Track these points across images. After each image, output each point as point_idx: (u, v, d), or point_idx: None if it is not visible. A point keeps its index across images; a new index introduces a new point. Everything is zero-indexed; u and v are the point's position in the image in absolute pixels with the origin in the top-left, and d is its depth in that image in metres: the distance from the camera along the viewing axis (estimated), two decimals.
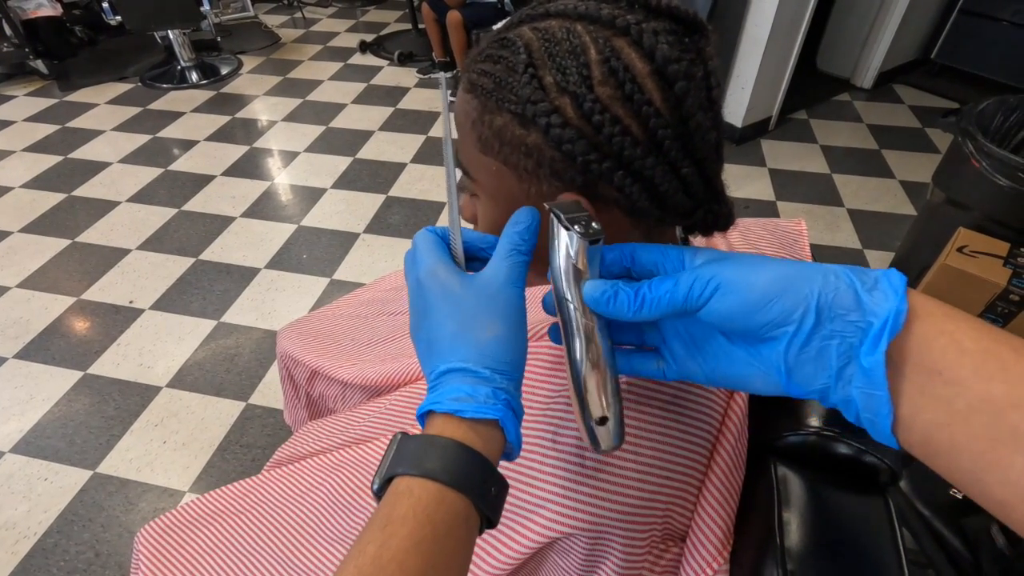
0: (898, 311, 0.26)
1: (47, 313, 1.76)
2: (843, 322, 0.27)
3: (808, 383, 0.29)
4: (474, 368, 0.32)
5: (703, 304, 0.30)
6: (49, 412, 1.48)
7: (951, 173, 1.54)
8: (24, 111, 2.85)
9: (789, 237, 0.62)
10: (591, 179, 0.34)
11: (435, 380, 0.33)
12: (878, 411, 0.27)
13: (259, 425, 1.45)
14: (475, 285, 0.34)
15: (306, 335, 0.88)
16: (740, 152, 2.52)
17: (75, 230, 2.09)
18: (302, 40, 3.73)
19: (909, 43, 3.00)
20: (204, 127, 2.73)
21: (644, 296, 0.32)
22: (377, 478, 0.31)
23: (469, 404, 0.31)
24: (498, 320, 0.33)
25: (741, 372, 0.32)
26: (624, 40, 0.32)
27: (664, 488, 0.41)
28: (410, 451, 0.31)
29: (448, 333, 0.33)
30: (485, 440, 0.31)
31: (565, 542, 0.42)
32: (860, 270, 0.28)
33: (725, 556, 0.40)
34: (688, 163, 0.34)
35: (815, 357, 0.28)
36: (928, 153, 2.50)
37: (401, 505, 0.29)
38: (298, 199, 2.28)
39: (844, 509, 0.38)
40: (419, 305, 0.35)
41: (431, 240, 0.36)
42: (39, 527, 1.25)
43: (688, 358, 0.35)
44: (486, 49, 0.35)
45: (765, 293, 0.29)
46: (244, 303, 1.80)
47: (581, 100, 0.32)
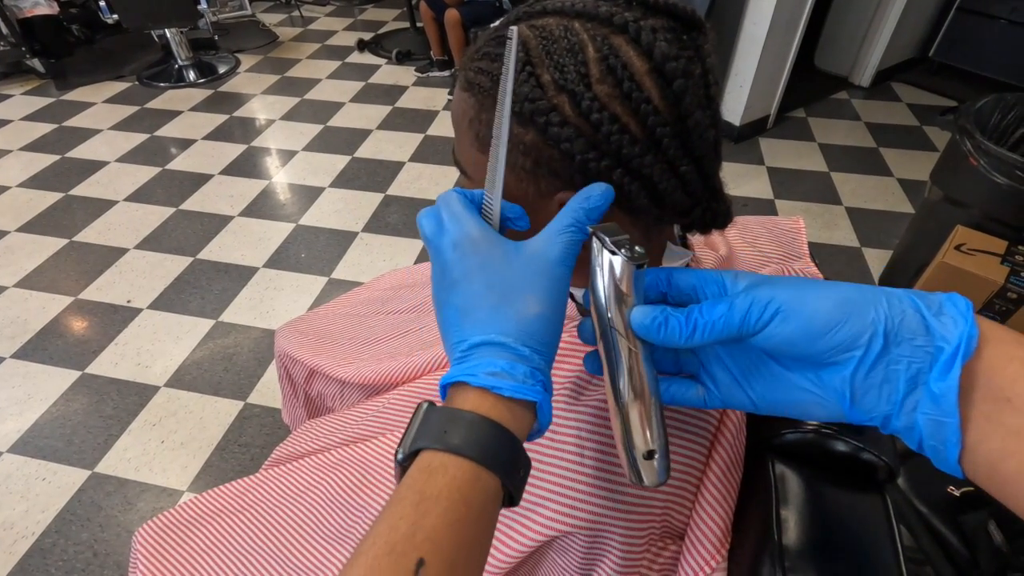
0: (970, 336, 0.26)
1: (44, 313, 1.75)
2: (911, 347, 0.27)
3: (871, 409, 0.28)
4: (514, 344, 0.30)
5: (761, 328, 0.29)
6: (47, 412, 1.48)
7: (949, 171, 1.54)
8: (21, 110, 2.84)
9: (787, 235, 0.62)
10: (589, 178, 0.33)
11: (467, 350, 0.31)
12: (947, 439, 0.26)
13: (257, 424, 1.45)
14: (524, 256, 0.32)
15: (304, 334, 0.88)
16: (738, 150, 2.52)
17: (72, 229, 2.08)
18: (300, 39, 3.72)
19: (907, 41, 3.00)
20: (202, 126, 2.73)
21: (696, 321, 0.30)
22: (402, 448, 0.30)
23: (507, 382, 0.30)
24: (544, 298, 0.31)
25: (797, 399, 0.31)
26: (622, 38, 0.32)
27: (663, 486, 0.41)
28: (441, 425, 0.29)
29: (487, 303, 0.31)
30: (518, 420, 0.31)
31: (564, 540, 0.42)
32: (921, 293, 0.28)
33: (723, 554, 0.40)
34: (686, 161, 0.33)
35: (881, 383, 0.27)
36: (926, 151, 2.51)
37: (436, 482, 0.28)
38: (296, 198, 2.27)
39: (842, 507, 0.38)
40: (453, 270, 0.32)
41: (463, 201, 0.34)
42: (37, 527, 1.25)
43: (733, 385, 0.34)
44: (483, 47, 0.35)
45: (830, 317, 0.28)
46: (242, 302, 1.79)
47: (579, 98, 0.32)
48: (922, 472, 0.87)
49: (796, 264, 0.56)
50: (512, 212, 0.35)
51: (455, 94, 0.38)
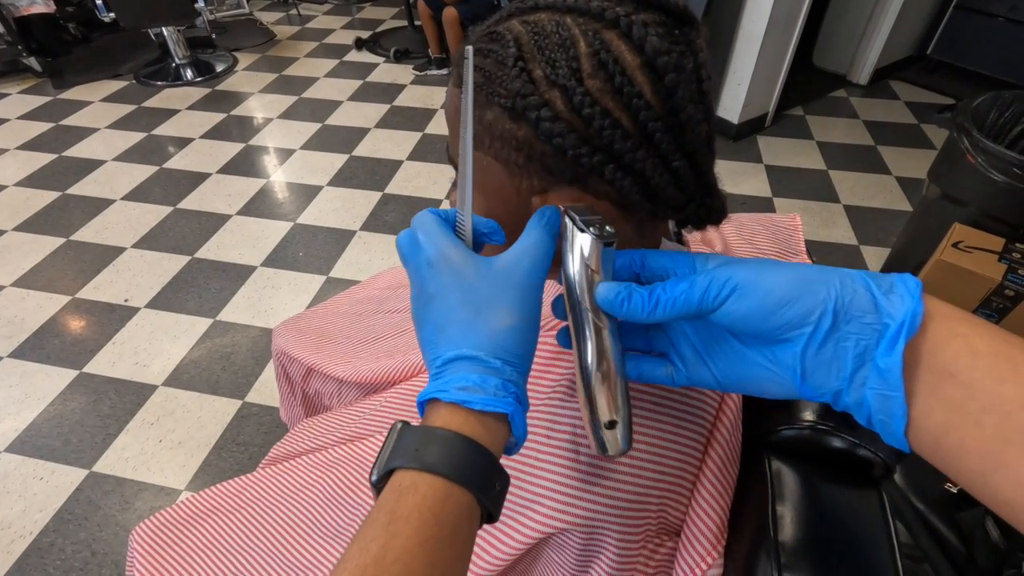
0: (914, 313, 0.26)
1: (42, 312, 1.75)
2: (859, 324, 0.27)
3: (822, 385, 0.29)
4: (485, 357, 0.31)
5: (719, 305, 0.30)
6: (44, 411, 1.47)
7: (946, 169, 1.54)
8: (17, 109, 2.83)
9: (784, 232, 0.62)
10: (582, 173, 0.33)
11: (441, 367, 0.31)
12: (892, 413, 0.27)
13: (255, 423, 1.45)
14: (494, 270, 0.32)
15: (302, 332, 0.88)
16: (736, 148, 2.52)
17: (69, 228, 2.08)
18: (297, 37, 3.72)
19: (905, 39, 3.00)
20: (199, 125, 2.72)
21: (659, 297, 0.31)
22: (376, 469, 0.30)
23: (478, 395, 0.30)
24: (515, 310, 0.32)
25: (754, 375, 0.32)
26: (614, 32, 0.32)
27: (658, 483, 0.41)
28: (414, 443, 0.29)
29: (460, 319, 0.32)
30: (491, 433, 0.31)
31: (560, 537, 0.42)
32: (875, 274, 0.29)
33: (720, 550, 0.40)
34: (679, 156, 0.33)
35: (830, 359, 0.28)
36: (924, 149, 2.51)
37: (406, 502, 0.28)
38: (294, 197, 2.27)
39: (838, 503, 0.38)
40: (429, 287, 0.33)
41: (436, 221, 0.35)
42: (35, 526, 1.25)
43: (698, 362, 0.34)
44: (475, 43, 0.35)
45: (784, 295, 0.29)
46: (240, 301, 1.79)
47: (571, 93, 0.31)
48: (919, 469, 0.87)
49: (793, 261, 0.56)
50: (486, 227, 0.35)
51: (448, 90, 0.38)
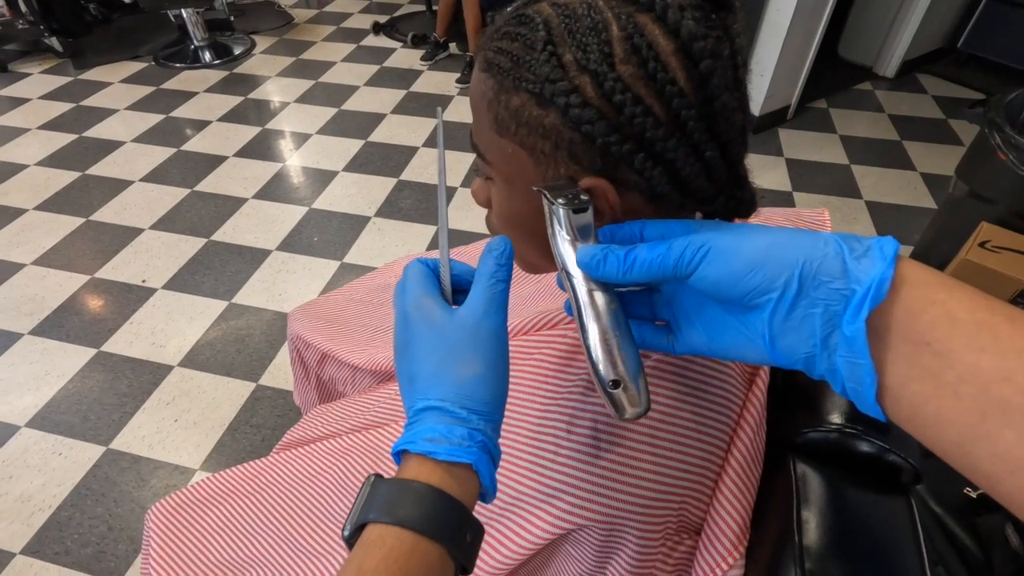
0: (882, 278, 0.25)
1: (61, 290, 1.77)
2: (827, 290, 0.26)
3: (792, 352, 0.28)
4: (451, 408, 0.31)
5: (693, 270, 0.30)
6: (63, 388, 1.50)
7: (975, 166, 1.50)
8: (39, 89, 2.86)
9: (811, 227, 0.60)
10: (611, 162, 0.32)
11: (413, 417, 0.32)
12: (861, 380, 0.26)
13: (269, 406, 1.46)
14: (456, 320, 0.33)
15: (317, 318, 0.88)
16: (757, 141, 2.48)
17: (89, 209, 2.10)
18: (315, 20, 3.70)
19: (935, 31, 2.92)
20: (217, 107, 2.73)
21: (635, 259, 0.31)
22: (348, 524, 0.30)
23: (443, 446, 0.30)
24: (478, 357, 0.32)
25: (734, 341, 0.32)
26: (648, 16, 0.31)
27: (680, 480, 0.40)
28: (384, 496, 0.30)
29: (428, 369, 0.33)
30: (461, 483, 0.31)
31: (579, 533, 0.42)
32: (855, 237, 0.27)
33: (741, 551, 0.40)
34: (712, 146, 0.32)
35: (799, 325, 0.27)
36: (951, 145, 2.45)
37: (373, 556, 0.28)
38: (309, 181, 2.27)
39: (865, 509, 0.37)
40: (403, 338, 0.35)
41: (421, 271, 0.36)
42: (54, 500, 1.27)
43: (690, 328, 0.35)
44: (503, 26, 0.34)
45: (751, 260, 0.28)
46: (255, 284, 1.80)
47: (602, 79, 0.30)
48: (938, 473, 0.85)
49: None
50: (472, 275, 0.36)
51: (474, 75, 0.37)
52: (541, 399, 0.45)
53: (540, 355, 0.47)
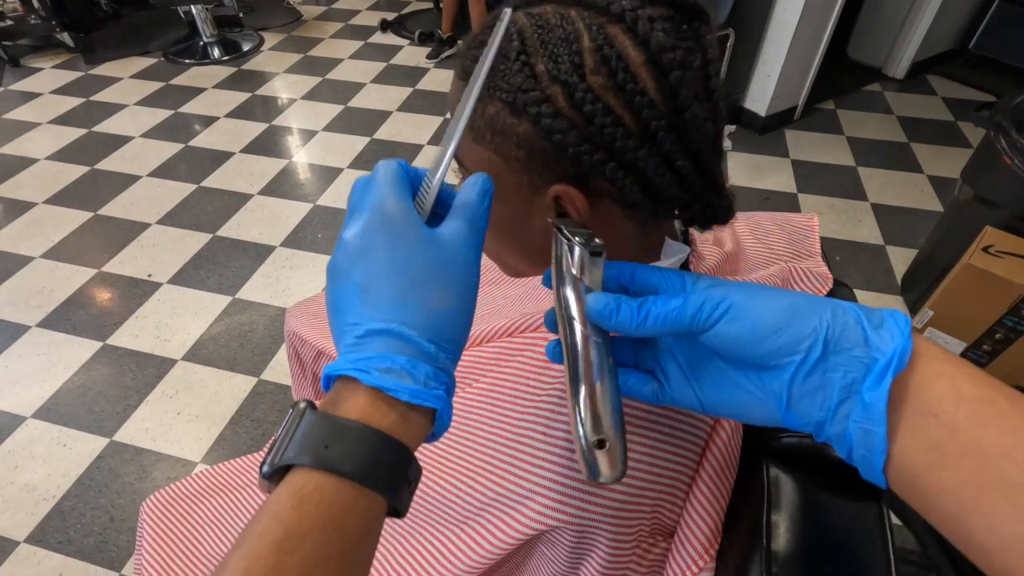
0: (904, 349, 0.26)
1: (69, 284, 1.80)
2: (848, 356, 0.27)
3: (807, 415, 0.29)
4: (418, 338, 0.27)
5: (711, 325, 0.29)
6: (69, 380, 1.52)
7: (981, 169, 1.49)
8: (50, 83, 2.89)
9: (800, 232, 0.60)
10: (582, 171, 0.33)
11: (362, 337, 0.27)
12: (874, 447, 0.26)
13: (270, 401, 1.48)
14: (436, 240, 0.29)
15: (314, 315, 0.89)
16: (763, 142, 2.47)
17: (97, 203, 2.13)
18: (324, 17, 3.72)
19: (946, 32, 2.89)
20: (224, 104, 2.75)
21: (649, 311, 0.30)
22: (271, 460, 0.26)
23: (405, 383, 0.26)
24: (453, 288, 0.29)
25: (739, 399, 0.31)
26: (618, 27, 0.31)
27: (653, 484, 0.41)
28: (321, 436, 0.26)
29: (394, 286, 0.28)
30: (412, 428, 0.27)
31: (552, 534, 0.42)
32: (866, 308, 0.28)
33: (712, 554, 0.40)
34: (683, 155, 0.33)
35: (817, 389, 0.28)
36: (960, 148, 2.42)
37: (307, 513, 0.24)
38: (315, 178, 2.29)
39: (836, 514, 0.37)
40: (362, 240, 0.29)
41: (396, 172, 0.31)
42: (58, 490, 1.30)
43: (683, 382, 0.34)
44: (480, 35, 0.35)
45: (776, 321, 0.28)
46: (259, 280, 1.82)
47: (572, 89, 0.31)
48: None
49: (805, 263, 0.55)
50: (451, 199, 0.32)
51: (452, 83, 0.37)
52: (521, 402, 0.45)
53: (522, 357, 0.47)
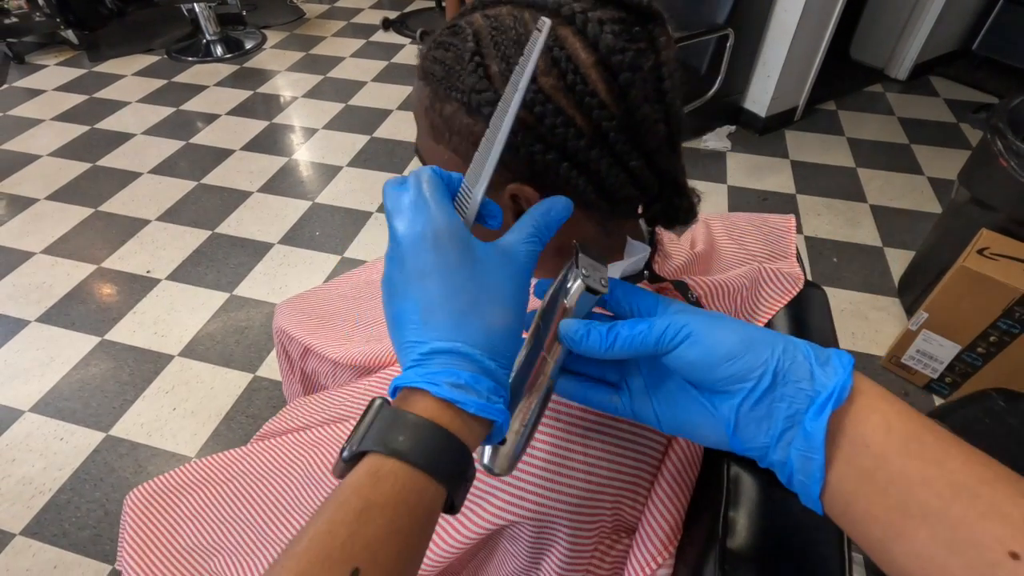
0: (844, 385, 0.28)
1: (69, 279, 1.82)
2: (794, 388, 0.29)
3: (751, 440, 0.31)
4: (480, 357, 0.29)
5: (672, 349, 0.32)
6: (67, 375, 1.54)
7: (977, 171, 1.48)
8: (54, 80, 2.91)
9: (776, 233, 0.60)
10: (537, 170, 0.33)
11: (427, 355, 0.29)
12: (812, 474, 0.29)
13: (265, 397, 1.49)
14: (494, 261, 0.30)
15: (302, 312, 0.90)
16: (763, 143, 2.46)
17: (98, 199, 2.14)
18: (326, 16, 3.73)
19: (949, 33, 2.87)
20: (226, 101, 2.76)
21: (617, 335, 0.32)
22: (351, 445, 0.28)
23: (472, 397, 0.29)
24: (512, 309, 0.31)
25: (693, 420, 0.33)
26: (569, 29, 0.31)
27: (613, 481, 0.41)
28: (398, 429, 0.28)
29: (455, 308, 0.29)
30: (473, 433, 0.30)
31: (512, 529, 0.43)
32: (815, 346, 0.31)
33: (671, 551, 0.40)
34: (636, 156, 0.33)
35: (763, 417, 0.30)
36: (961, 150, 2.41)
37: (383, 490, 0.27)
38: (314, 176, 2.30)
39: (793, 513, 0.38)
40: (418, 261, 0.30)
41: (439, 185, 0.31)
42: (54, 484, 1.31)
43: (644, 398, 0.35)
44: (439, 36, 0.35)
45: (731, 349, 0.30)
46: (256, 277, 1.83)
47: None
48: None
49: (778, 264, 0.55)
50: (487, 210, 0.33)
51: (414, 84, 0.38)
52: None
53: None
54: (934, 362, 1.48)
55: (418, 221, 0.30)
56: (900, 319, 1.70)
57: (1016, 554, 0.23)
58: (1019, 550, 0.23)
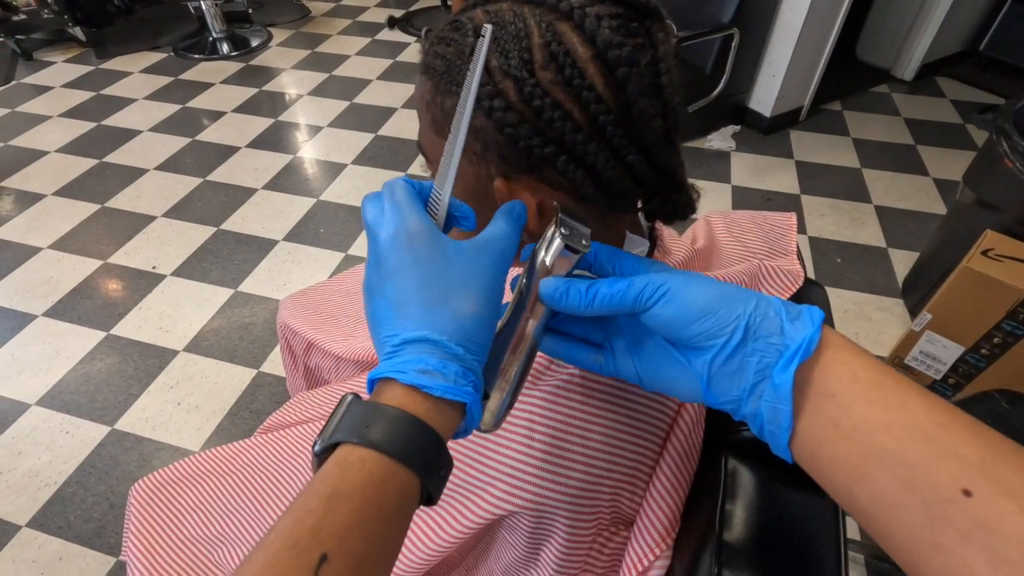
0: (811, 339, 0.29)
1: (75, 274, 1.83)
2: (765, 343, 0.30)
3: (724, 393, 0.32)
4: (447, 342, 0.30)
5: (650, 307, 0.32)
6: (73, 369, 1.55)
7: (982, 172, 1.48)
8: (62, 77, 2.93)
9: (777, 231, 0.60)
10: (535, 163, 0.34)
11: (398, 346, 0.31)
12: (780, 424, 0.30)
13: (268, 392, 1.50)
14: (463, 255, 0.32)
15: (305, 307, 0.90)
16: (767, 143, 2.45)
17: (105, 195, 2.16)
18: (332, 14, 3.74)
19: (956, 34, 2.86)
20: (232, 99, 2.78)
21: (596, 293, 0.33)
22: (321, 440, 0.29)
23: (438, 380, 0.30)
24: (482, 298, 0.32)
25: (669, 375, 0.34)
26: (567, 24, 0.32)
27: (611, 473, 0.42)
28: (363, 419, 0.29)
29: (423, 300, 0.31)
30: (445, 419, 0.31)
31: (511, 519, 0.43)
32: (789, 304, 0.32)
33: (668, 543, 0.41)
34: (633, 150, 0.33)
35: (735, 371, 0.31)
36: (967, 151, 2.40)
37: (350, 478, 0.27)
38: (319, 173, 2.30)
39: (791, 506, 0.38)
40: (390, 262, 0.32)
41: (409, 191, 0.34)
42: (59, 476, 1.32)
43: (626, 355, 0.36)
44: (441, 32, 0.35)
45: (704, 306, 0.31)
46: (261, 274, 1.84)
47: (522, 84, 0.32)
48: None
49: (778, 261, 0.55)
50: (460, 211, 0.35)
51: (417, 79, 0.38)
52: None
53: None
54: (937, 363, 1.48)
55: (390, 225, 0.32)
56: (904, 320, 1.69)
57: (968, 491, 0.24)
58: (971, 487, 0.24)
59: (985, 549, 0.23)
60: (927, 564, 0.24)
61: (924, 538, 0.24)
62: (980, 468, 0.24)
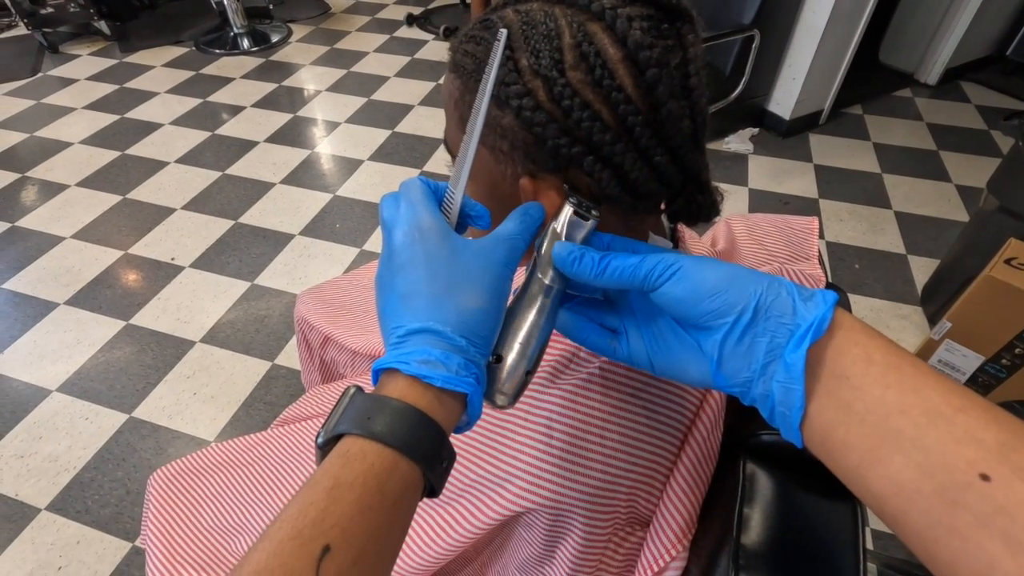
0: (823, 318, 0.29)
1: (97, 264, 1.86)
2: (776, 323, 0.30)
3: (734, 375, 0.31)
4: (451, 334, 0.31)
5: (660, 285, 0.32)
6: (93, 357, 1.58)
7: (1007, 180, 1.45)
8: (86, 70, 2.98)
9: (798, 235, 0.60)
10: (562, 163, 0.34)
11: (403, 336, 0.31)
12: (792, 404, 0.29)
13: (283, 385, 1.52)
14: (470, 252, 0.33)
15: (322, 301, 0.91)
16: (786, 146, 2.43)
17: (126, 187, 2.19)
18: (351, 10, 3.76)
19: (982, 38, 2.80)
20: (251, 93, 2.80)
21: (608, 263, 0.33)
22: (324, 431, 0.30)
23: (439, 371, 0.30)
24: (486, 293, 0.32)
25: (679, 357, 0.34)
26: (598, 25, 0.32)
27: (629, 473, 0.42)
28: (366, 410, 0.29)
29: (430, 291, 0.31)
30: (446, 410, 0.31)
31: (528, 516, 0.43)
32: (802, 287, 0.31)
33: (685, 544, 0.41)
34: (661, 151, 0.33)
35: (746, 351, 0.31)
36: (991, 157, 2.35)
37: (352, 469, 0.28)
38: (336, 169, 2.32)
39: (809, 512, 0.38)
40: (400, 256, 0.33)
41: (423, 191, 0.35)
42: (78, 462, 1.35)
43: (639, 340, 0.36)
44: (470, 30, 0.36)
45: (714, 286, 0.31)
46: (277, 267, 1.86)
47: (552, 84, 0.32)
48: None
49: (800, 265, 0.55)
50: (475, 211, 0.36)
51: (444, 76, 0.38)
52: None
53: None
54: (956, 373, 1.45)
55: (403, 222, 0.33)
56: (922, 328, 1.67)
57: (986, 475, 0.23)
58: (990, 472, 0.23)
59: (1003, 534, 0.22)
60: (943, 550, 0.24)
61: (940, 523, 0.24)
62: (999, 452, 0.24)
